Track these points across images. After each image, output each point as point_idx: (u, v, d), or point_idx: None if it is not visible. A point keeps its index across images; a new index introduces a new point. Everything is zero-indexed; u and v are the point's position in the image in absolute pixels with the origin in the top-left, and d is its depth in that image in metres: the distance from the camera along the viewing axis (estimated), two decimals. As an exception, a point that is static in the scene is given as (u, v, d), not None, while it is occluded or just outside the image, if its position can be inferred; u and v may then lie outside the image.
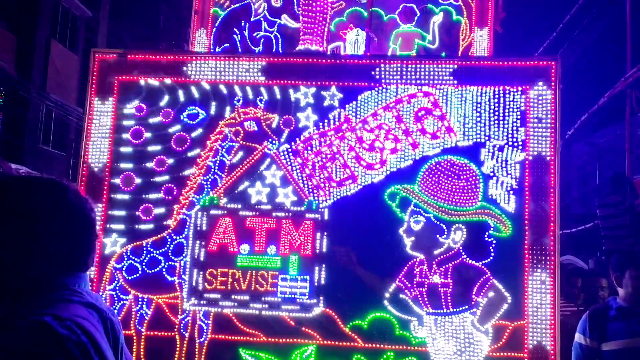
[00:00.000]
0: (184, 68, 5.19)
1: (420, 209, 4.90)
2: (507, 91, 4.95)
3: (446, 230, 4.84)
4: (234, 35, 8.12)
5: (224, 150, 5.12)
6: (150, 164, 5.15)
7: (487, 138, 4.92)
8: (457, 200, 4.88)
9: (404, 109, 5.05)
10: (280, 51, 7.89)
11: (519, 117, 4.90)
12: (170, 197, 5.11)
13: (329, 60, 5.29)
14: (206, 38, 7.86)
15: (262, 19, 8.04)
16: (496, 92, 4.97)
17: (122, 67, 5.19)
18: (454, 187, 4.90)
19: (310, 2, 5.85)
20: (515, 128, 4.90)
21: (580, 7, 10.48)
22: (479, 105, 4.98)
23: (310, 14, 5.88)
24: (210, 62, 5.20)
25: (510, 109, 4.93)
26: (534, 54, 12.91)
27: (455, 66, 5.06)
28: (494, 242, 4.79)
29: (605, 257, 8.47)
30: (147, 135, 5.19)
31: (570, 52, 11.86)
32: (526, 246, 4.74)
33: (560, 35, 11.53)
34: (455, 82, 5.02)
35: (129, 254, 5.07)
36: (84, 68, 17.77)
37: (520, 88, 4.93)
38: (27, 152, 14.92)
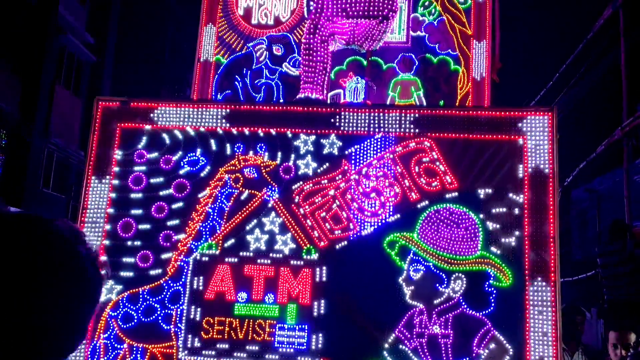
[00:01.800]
0: (186, 115, 5.26)
1: (419, 258, 4.87)
2: (505, 140, 5.00)
3: (446, 279, 4.80)
4: (236, 83, 8.27)
5: (223, 197, 5.14)
6: (150, 211, 5.15)
7: (486, 186, 4.94)
8: (456, 249, 4.86)
9: (403, 157, 5.09)
10: (281, 98, 8.02)
11: (517, 166, 4.93)
12: (168, 244, 5.08)
13: (329, 109, 5.36)
14: (208, 85, 8.00)
15: (263, 66, 8.20)
16: (494, 141, 5.02)
17: (124, 114, 5.26)
18: (453, 235, 4.88)
19: (311, 52, 5.98)
20: (513, 177, 4.92)
21: (575, 57, 10.74)
22: (478, 153, 5.02)
23: (310, 63, 6.00)
24: (212, 109, 5.27)
25: (508, 158, 4.97)
26: (532, 102, 13.13)
27: (453, 115, 5.13)
28: (495, 292, 4.74)
29: (607, 306, 8.40)
30: (147, 181, 5.21)
31: (568, 100, 12.04)
32: (527, 297, 4.69)
33: (557, 84, 11.76)
34: (454, 130, 5.07)
35: (125, 301, 5.00)
36: (87, 111, 18.01)
37: (517, 137, 4.98)
38: (27, 195, 14.98)
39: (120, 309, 4.99)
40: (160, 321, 4.95)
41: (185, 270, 5.02)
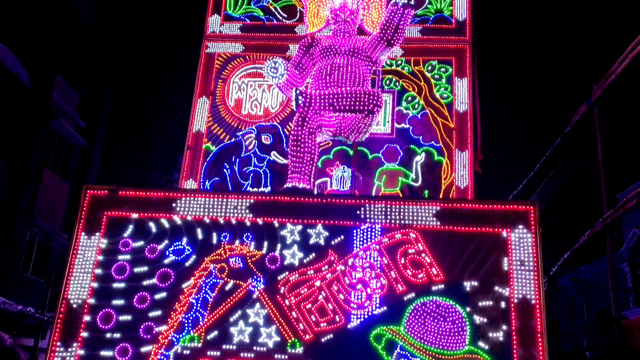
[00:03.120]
0: (174, 204, 5.29)
1: (407, 352, 4.78)
2: (489, 233, 5.06)
3: (434, 375, 4.68)
4: (225, 170, 8.40)
5: (207, 287, 5.07)
6: (132, 301, 5.05)
7: (472, 279, 4.94)
8: (444, 343, 4.78)
9: (389, 249, 5.11)
10: (269, 185, 8.14)
11: (501, 258, 4.96)
12: (149, 336, 4.94)
13: (315, 200, 5.43)
14: (197, 172, 8.10)
15: (252, 154, 8.37)
16: (479, 234, 5.08)
17: (112, 202, 5.28)
18: (440, 329, 4.82)
19: (299, 143, 6.13)
20: (498, 270, 4.94)
21: (555, 149, 11.11)
22: (463, 245, 5.06)
23: (298, 154, 6.13)
24: (200, 198, 5.32)
25: (493, 251, 5.01)
26: (514, 191, 13.41)
27: (438, 207, 5.22)
28: (484, 389, 4.62)
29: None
30: (131, 271, 5.14)
31: (550, 189, 12.34)
32: (517, 395, 4.57)
33: (539, 174, 12.10)
34: (438, 222, 5.14)
35: (100, 398, 4.78)
36: (74, 194, 17.95)
37: (501, 230, 5.04)
38: (6, 278, 14.60)
39: (94, 406, 4.76)
40: (136, 420, 4.72)
41: (166, 365, 4.85)
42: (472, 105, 7.92)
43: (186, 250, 5.21)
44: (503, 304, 4.82)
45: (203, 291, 5.05)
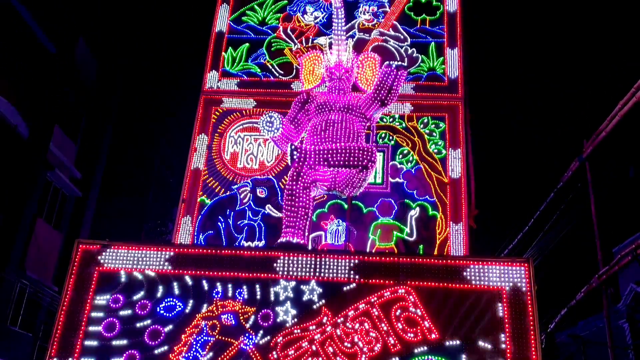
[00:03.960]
0: (166, 260, 5.25)
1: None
2: (484, 290, 5.02)
3: None
4: (219, 223, 8.37)
5: (198, 345, 4.96)
6: None
7: (467, 336, 4.86)
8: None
9: (383, 306, 5.04)
10: (263, 239, 8.08)
11: (497, 316, 4.90)
12: (135, 398, 4.80)
13: (309, 255, 5.40)
14: (191, 225, 8.07)
15: (247, 208, 8.35)
16: (474, 290, 5.03)
17: (104, 257, 5.23)
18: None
19: (293, 198, 6.15)
20: (494, 327, 4.87)
21: (548, 204, 11.18)
22: (458, 302, 5.01)
23: (292, 208, 6.14)
24: (192, 254, 5.28)
25: (488, 308, 4.95)
26: (509, 245, 13.37)
27: (434, 263, 5.19)
28: None
29: None
30: (121, 328, 5.04)
31: (544, 245, 12.32)
32: None
33: (533, 229, 12.11)
34: (433, 279, 5.10)
35: None
36: (66, 246, 17.76)
37: (496, 287, 5.00)
38: (-9, 332, 14.27)
39: None
40: None
41: None
42: (465, 160, 8.00)
43: (177, 307, 5.13)
44: (500, 364, 4.73)
45: (194, 349, 4.95)
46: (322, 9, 9.20)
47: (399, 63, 6.50)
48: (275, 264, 5.26)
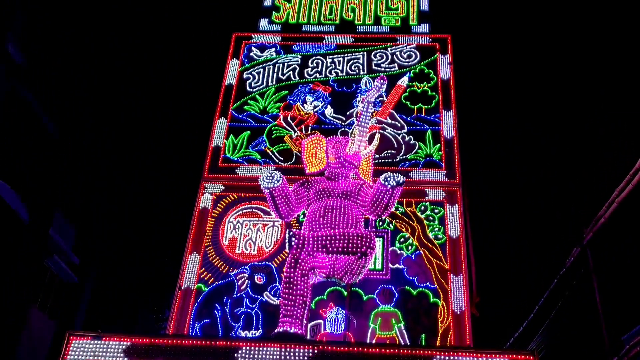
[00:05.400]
0: (160, 352, 5.07)
1: None
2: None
3: None
4: (216, 311, 8.15)
5: None
6: None
7: None
8: None
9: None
10: (260, 328, 7.84)
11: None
12: None
13: (308, 346, 5.22)
14: (187, 312, 7.86)
15: (244, 295, 8.16)
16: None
17: (95, 349, 5.06)
18: None
19: (291, 285, 6.04)
20: None
21: (552, 290, 11.00)
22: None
23: (290, 297, 6.00)
24: (187, 346, 5.11)
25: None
26: (515, 333, 13.02)
27: (438, 356, 5.02)
28: None
29: None
30: None
31: (549, 334, 12.01)
32: None
33: (537, 317, 11.84)
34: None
35: None
36: (59, 334, 17.23)
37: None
38: None
39: None
40: None
41: None
42: (466, 246, 7.94)
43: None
44: None
45: None
46: (321, 99, 9.51)
47: (394, 183, 6.60)
48: (273, 358, 5.08)
